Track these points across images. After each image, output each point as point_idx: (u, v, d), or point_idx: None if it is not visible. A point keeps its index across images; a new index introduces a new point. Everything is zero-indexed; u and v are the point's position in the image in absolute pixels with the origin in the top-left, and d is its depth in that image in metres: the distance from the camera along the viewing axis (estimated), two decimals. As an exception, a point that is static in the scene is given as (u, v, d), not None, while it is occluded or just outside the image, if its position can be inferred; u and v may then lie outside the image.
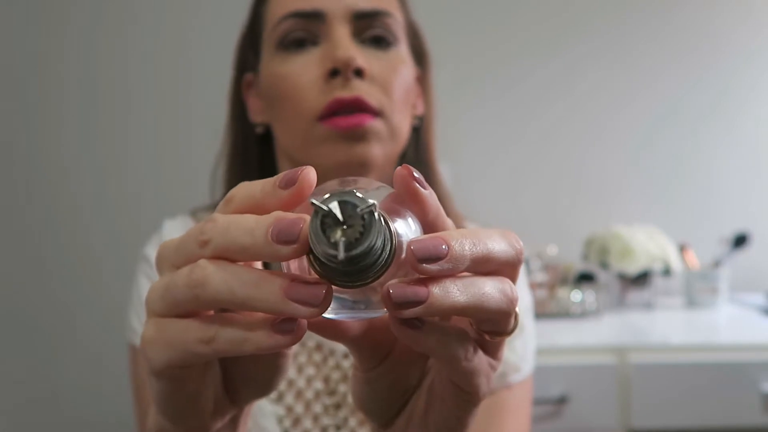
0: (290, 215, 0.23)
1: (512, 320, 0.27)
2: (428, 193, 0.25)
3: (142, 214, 1.36)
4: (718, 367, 1.11)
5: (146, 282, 0.63)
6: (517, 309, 0.27)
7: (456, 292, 0.24)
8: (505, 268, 0.26)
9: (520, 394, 0.63)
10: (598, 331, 1.24)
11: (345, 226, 0.21)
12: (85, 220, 1.57)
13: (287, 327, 0.24)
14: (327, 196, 0.22)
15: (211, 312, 0.26)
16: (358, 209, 0.21)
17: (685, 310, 1.45)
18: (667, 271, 1.42)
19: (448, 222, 0.27)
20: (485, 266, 0.25)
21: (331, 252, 0.21)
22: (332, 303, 0.24)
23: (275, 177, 0.25)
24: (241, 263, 0.24)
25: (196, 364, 0.26)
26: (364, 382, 0.30)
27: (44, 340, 1.57)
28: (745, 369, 1.11)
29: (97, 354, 1.52)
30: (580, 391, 1.11)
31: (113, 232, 1.55)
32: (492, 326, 0.27)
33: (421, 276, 0.23)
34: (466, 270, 0.24)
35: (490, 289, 0.25)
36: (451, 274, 0.24)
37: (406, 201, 0.25)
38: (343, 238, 0.21)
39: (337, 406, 0.58)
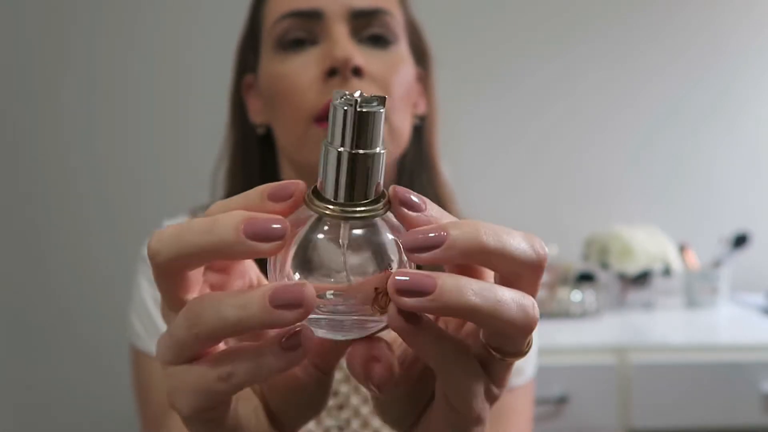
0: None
1: (528, 340, 0.26)
2: (416, 216, 0.25)
3: (142, 214, 1.36)
4: (718, 367, 1.11)
5: (146, 282, 0.62)
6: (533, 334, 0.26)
7: (470, 291, 0.23)
8: (523, 270, 0.25)
9: (523, 398, 0.62)
10: (598, 331, 1.24)
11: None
12: (85, 220, 1.57)
13: (293, 342, 0.24)
14: None
15: (221, 346, 0.26)
16: (370, 97, 0.25)
17: (685, 310, 1.45)
18: (667, 271, 1.42)
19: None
20: (501, 263, 0.24)
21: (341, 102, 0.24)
22: (328, 323, 0.25)
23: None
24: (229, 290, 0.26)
25: (222, 402, 0.26)
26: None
27: (44, 341, 1.56)
28: (745, 369, 1.11)
29: (97, 354, 1.52)
30: (580, 391, 1.11)
31: (113, 232, 1.55)
32: (504, 341, 0.26)
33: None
34: (480, 264, 0.25)
35: (508, 298, 0.24)
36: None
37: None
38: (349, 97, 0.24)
39: (340, 408, 0.57)
